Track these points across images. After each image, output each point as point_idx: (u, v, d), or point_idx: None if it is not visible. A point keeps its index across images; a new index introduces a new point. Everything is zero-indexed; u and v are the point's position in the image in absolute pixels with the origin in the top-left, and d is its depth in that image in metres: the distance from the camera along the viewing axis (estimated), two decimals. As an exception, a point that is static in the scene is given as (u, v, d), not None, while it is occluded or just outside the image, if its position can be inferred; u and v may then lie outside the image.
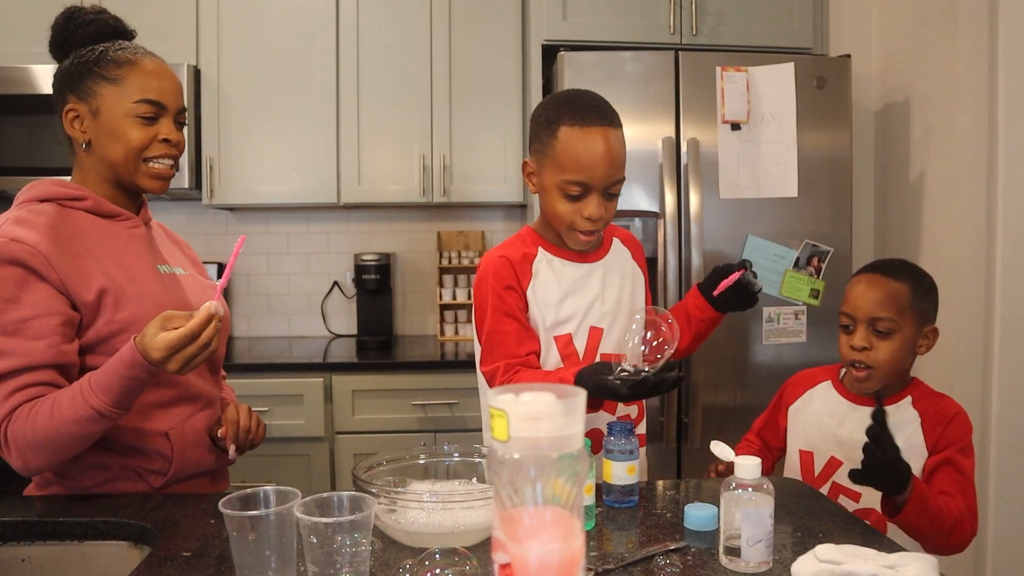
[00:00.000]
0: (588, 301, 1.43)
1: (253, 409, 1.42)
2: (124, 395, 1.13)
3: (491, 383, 1.39)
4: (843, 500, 1.39)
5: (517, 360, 1.36)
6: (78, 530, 1.16)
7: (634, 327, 1.31)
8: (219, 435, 1.33)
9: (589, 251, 1.47)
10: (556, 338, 1.41)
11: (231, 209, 3.09)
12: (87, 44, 1.29)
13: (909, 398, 1.41)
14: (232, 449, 1.33)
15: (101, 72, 1.26)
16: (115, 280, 1.24)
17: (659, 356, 1.25)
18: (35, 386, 1.16)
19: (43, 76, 2.60)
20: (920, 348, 1.41)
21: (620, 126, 1.37)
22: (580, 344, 1.41)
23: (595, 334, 1.42)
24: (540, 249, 1.44)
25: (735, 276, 1.41)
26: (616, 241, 1.52)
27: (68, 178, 1.31)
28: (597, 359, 1.41)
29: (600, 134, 1.32)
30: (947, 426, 1.36)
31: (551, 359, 1.41)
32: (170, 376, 1.21)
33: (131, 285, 1.25)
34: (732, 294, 1.45)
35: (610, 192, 1.36)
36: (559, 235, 1.43)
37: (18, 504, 1.23)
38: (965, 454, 1.35)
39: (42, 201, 1.25)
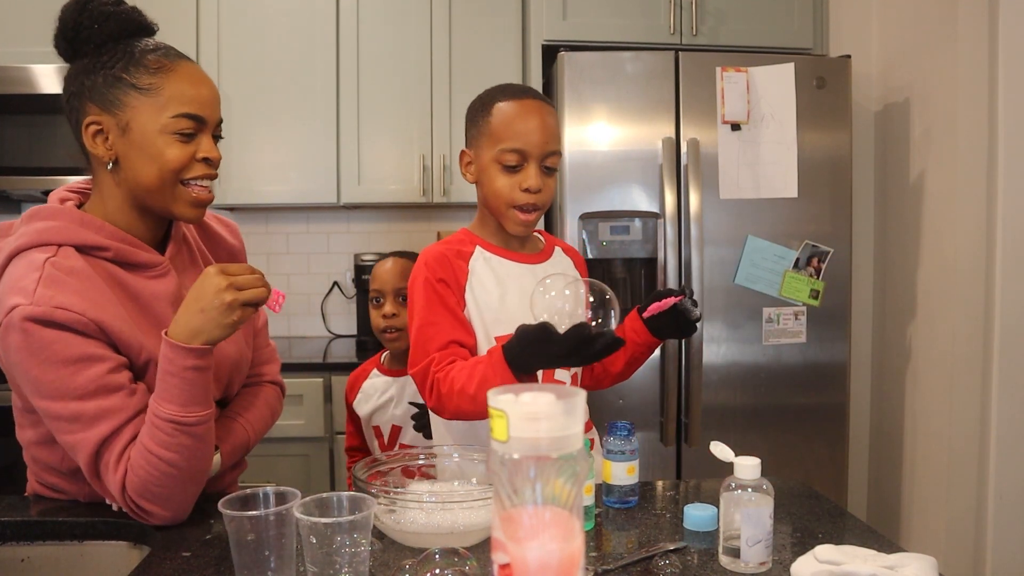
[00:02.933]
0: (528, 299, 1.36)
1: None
2: (184, 393, 1.04)
3: (422, 386, 1.29)
4: None
5: (450, 352, 1.29)
6: (78, 530, 1.16)
7: (568, 292, 1.22)
8: None
9: (528, 250, 1.43)
10: (497, 338, 1.31)
11: (231, 209, 3.09)
12: (105, 42, 1.12)
13: (559, 248, 1.50)
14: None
15: (131, 81, 1.10)
16: (149, 347, 1.13)
17: (599, 322, 1.19)
18: (136, 438, 1.08)
19: (43, 76, 2.60)
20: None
21: (554, 109, 1.38)
22: None
23: None
24: (477, 247, 1.39)
25: (669, 301, 1.31)
26: (558, 250, 1.49)
27: (77, 179, 1.22)
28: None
29: (534, 105, 1.34)
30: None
31: None
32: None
33: (153, 355, 1.13)
34: (670, 319, 1.35)
35: (547, 165, 1.33)
36: (497, 229, 1.39)
37: (18, 504, 1.23)
38: None
39: (60, 246, 1.10)
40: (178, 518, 1.12)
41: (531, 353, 1.15)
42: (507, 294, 1.35)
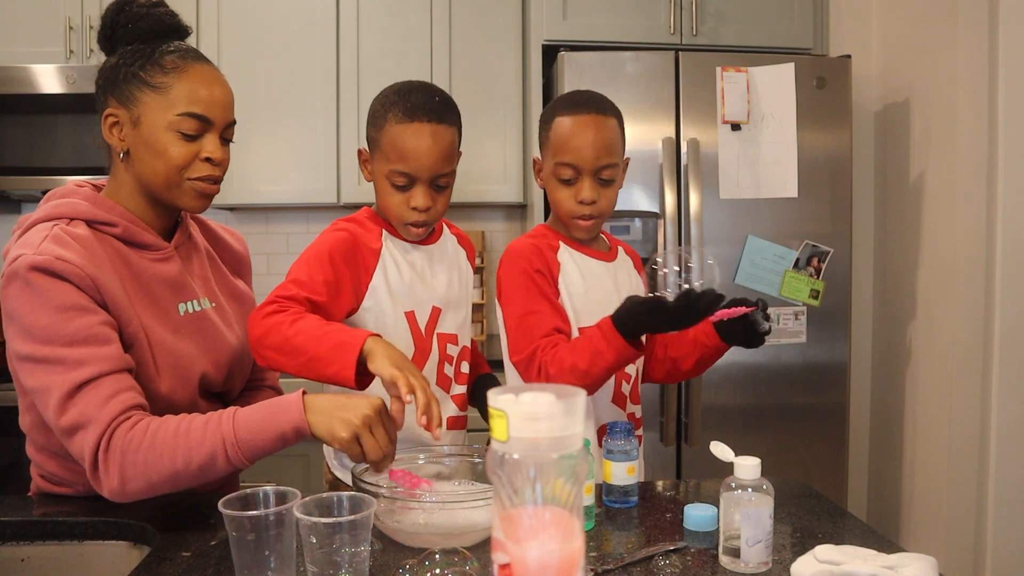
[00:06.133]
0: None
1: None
2: (261, 447, 1.07)
3: (527, 371, 1.33)
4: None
5: (554, 339, 1.33)
6: (78, 530, 1.16)
7: (661, 259, 1.32)
8: None
9: (600, 248, 1.49)
10: (581, 329, 1.40)
11: (231, 209, 3.09)
12: (138, 41, 1.19)
13: (621, 248, 1.52)
14: None
15: (145, 78, 1.17)
16: (142, 321, 1.17)
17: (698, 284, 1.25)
18: (126, 391, 1.08)
19: (43, 76, 2.60)
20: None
21: (612, 117, 1.38)
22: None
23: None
24: (560, 242, 1.44)
25: (741, 310, 1.33)
26: (621, 250, 1.52)
27: (93, 177, 1.26)
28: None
29: (588, 120, 1.36)
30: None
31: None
32: (179, 403, 1.20)
33: (153, 331, 1.18)
34: (739, 329, 1.37)
35: (602, 177, 1.38)
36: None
37: (18, 504, 1.23)
38: None
39: (72, 220, 1.16)
40: (120, 498, 1.09)
41: (643, 320, 1.23)
42: (591, 290, 1.42)
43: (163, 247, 1.24)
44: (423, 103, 1.33)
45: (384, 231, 1.39)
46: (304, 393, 1.08)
